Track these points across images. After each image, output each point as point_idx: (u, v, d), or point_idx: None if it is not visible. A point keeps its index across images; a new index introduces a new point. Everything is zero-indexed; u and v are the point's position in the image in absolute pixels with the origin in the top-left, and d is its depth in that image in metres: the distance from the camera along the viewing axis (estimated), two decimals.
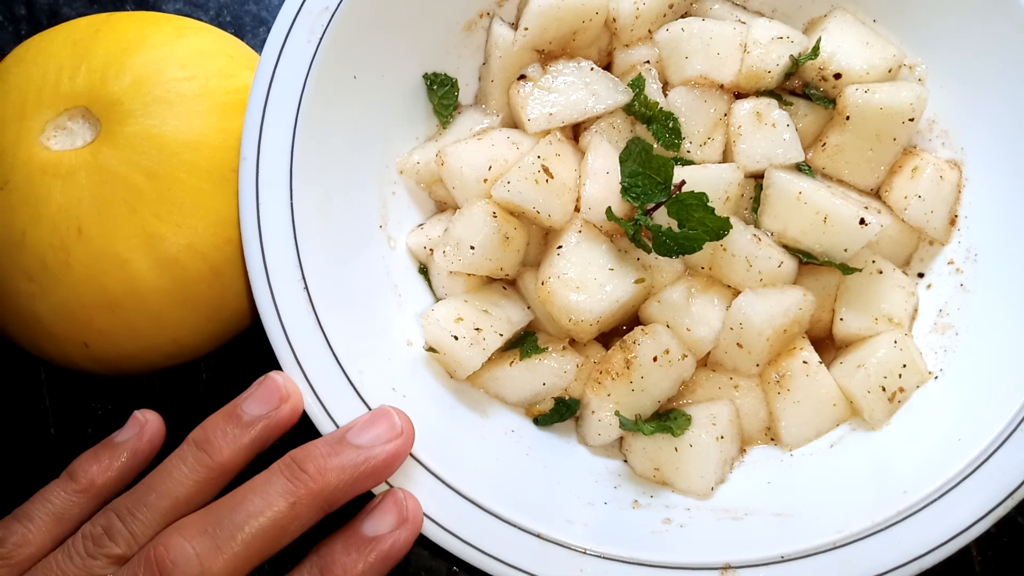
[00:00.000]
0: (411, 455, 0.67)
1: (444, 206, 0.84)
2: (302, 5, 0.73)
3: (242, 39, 0.97)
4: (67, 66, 0.74)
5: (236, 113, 0.74)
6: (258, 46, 0.95)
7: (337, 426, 0.67)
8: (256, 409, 0.66)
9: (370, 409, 0.68)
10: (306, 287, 0.69)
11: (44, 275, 0.71)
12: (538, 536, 0.66)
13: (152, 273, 0.71)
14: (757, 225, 0.76)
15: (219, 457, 0.64)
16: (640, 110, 0.78)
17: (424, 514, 0.66)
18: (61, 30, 0.78)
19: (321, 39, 0.73)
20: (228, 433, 0.65)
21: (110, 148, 0.72)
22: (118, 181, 0.71)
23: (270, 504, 0.61)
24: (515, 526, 0.66)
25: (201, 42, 0.78)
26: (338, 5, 0.73)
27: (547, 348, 0.76)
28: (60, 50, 0.75)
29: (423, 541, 0.67)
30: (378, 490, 0.67)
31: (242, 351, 0.86)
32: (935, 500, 0.65)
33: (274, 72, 0.72)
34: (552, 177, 0.75)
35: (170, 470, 0.64)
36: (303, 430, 0.68)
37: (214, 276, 0.74)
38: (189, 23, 0.81)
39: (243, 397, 0.67)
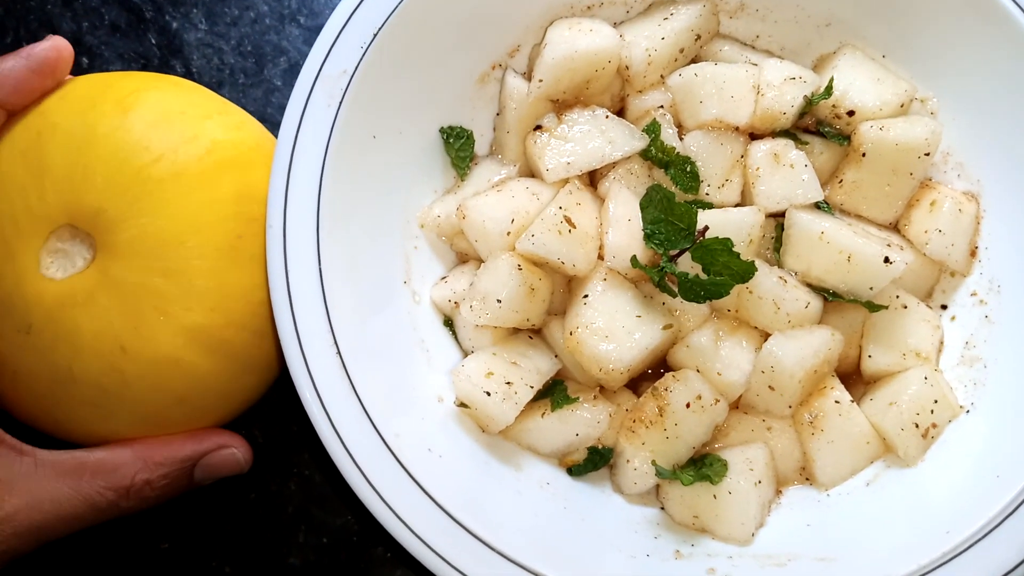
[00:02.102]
0: (452, 518, 0.66)
1: (465, 257, 0.84)
2: (320, 69, 0.73)
3: (263, 69, 0.96)
4: (29, 185, 0.69)
5: (216, 179, 0.72)
6: (278, 75, 0.96)
7: (377, 493, 0.66)
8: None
9: (408, 473, 0.68)
10: (339, 352, 0.69)
11: (106, 399, 0.70)
12: None
13: (207, 362, 0.71)
14: (780, 264, 0.77)
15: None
16: (657, 155, 0.79)
17: None
18: None
19: (341, 102, 0.73)
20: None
21: (114, 261, 0.69)
22: (138, 290, 0.69)
23: None
24: None
25: (148, 110, 0.72)
26: (356, 67, 0.74)
27: (578, 398, 0.76)
28: (11, 168, 0.70)
29: None
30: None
31: (250, 421, 0.87)
32: (980, 540, 0.64)
33: (296, 139, 0.72)
34: (575, 227, 0.75)
35: None
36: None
37: (260, 338, 0.74)
38: (126, 86, 0.75)
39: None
